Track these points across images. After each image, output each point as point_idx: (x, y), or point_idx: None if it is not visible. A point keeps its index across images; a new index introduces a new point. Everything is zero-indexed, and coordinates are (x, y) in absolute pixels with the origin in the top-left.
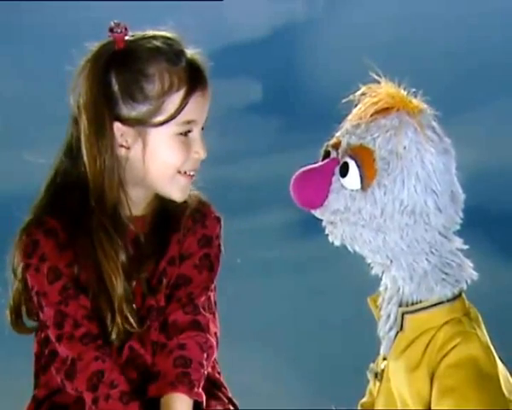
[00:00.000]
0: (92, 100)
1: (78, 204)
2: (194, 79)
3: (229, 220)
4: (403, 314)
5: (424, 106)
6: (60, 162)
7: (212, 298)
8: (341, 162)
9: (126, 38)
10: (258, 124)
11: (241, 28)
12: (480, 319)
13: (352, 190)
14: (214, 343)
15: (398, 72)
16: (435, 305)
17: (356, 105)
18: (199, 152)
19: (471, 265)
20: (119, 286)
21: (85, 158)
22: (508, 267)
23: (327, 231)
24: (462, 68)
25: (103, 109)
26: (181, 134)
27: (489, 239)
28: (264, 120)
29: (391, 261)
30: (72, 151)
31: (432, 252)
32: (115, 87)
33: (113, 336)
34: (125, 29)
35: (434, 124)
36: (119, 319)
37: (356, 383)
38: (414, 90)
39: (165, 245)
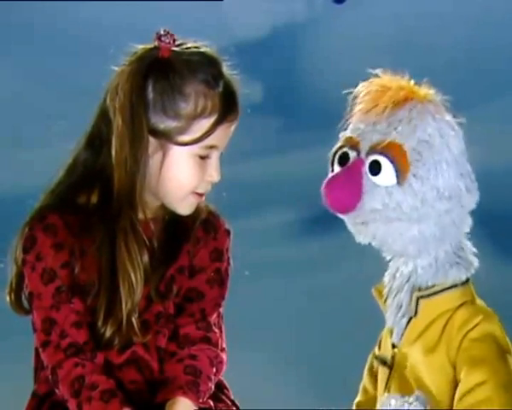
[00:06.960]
0: (130, 104)
1: (96, 198)
2: (227, 107)
3: (229, 221)
4: (418, 299)
5: (432, 92)
6: (79, 153)
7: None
8: (370, 161)
9: (172, 48)
10: (258, 124)
11: (241, 28)
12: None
13: (388, 187)
14: (224, 359)
15: (399, 71)
16: (449, 288)
17: (354, 102)
18: (213, 176)
19: (474, 249)
20: (138, 291)
21: (114, 159)
22: (509, 267)
23: (354, 231)
24: (464, 67)
25: (141, 116)
26: (200, 156)
27: (491, 239)
28: (264, 120)
29: (419, 251)
30: (94, 143)
31: (456, 236)
32: (150, 95)
33: (107, 334)
34: (174, 40)
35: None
36: (124, 327)
37: (357, 383)
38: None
39: (176, 254)
